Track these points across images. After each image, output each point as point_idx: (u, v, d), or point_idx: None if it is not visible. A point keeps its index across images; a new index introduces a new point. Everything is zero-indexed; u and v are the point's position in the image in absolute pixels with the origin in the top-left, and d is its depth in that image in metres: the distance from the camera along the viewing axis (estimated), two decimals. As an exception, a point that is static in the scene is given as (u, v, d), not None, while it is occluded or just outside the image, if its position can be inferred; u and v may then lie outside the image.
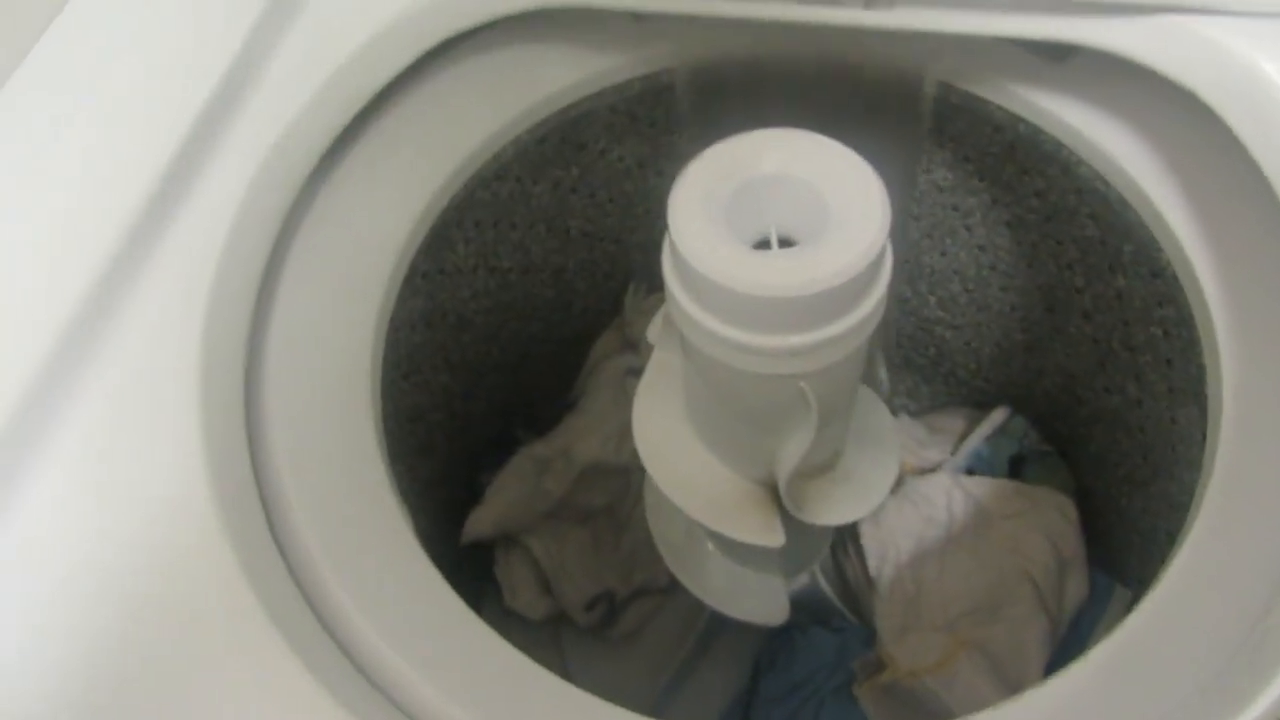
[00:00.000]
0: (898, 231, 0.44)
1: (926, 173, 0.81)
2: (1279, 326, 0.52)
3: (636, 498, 0.88)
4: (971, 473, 0.89)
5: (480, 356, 0.87)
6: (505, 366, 0.92)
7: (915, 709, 0.77)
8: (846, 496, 0.61)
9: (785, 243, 0.48)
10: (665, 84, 0.74)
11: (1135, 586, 0.80)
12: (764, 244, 0.48)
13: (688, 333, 0.49)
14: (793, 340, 0.46)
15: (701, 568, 0.75)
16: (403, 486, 0.60)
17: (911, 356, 1.05)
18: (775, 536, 0.59)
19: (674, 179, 0.46)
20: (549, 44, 0.69)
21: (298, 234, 0.59)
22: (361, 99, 0.59)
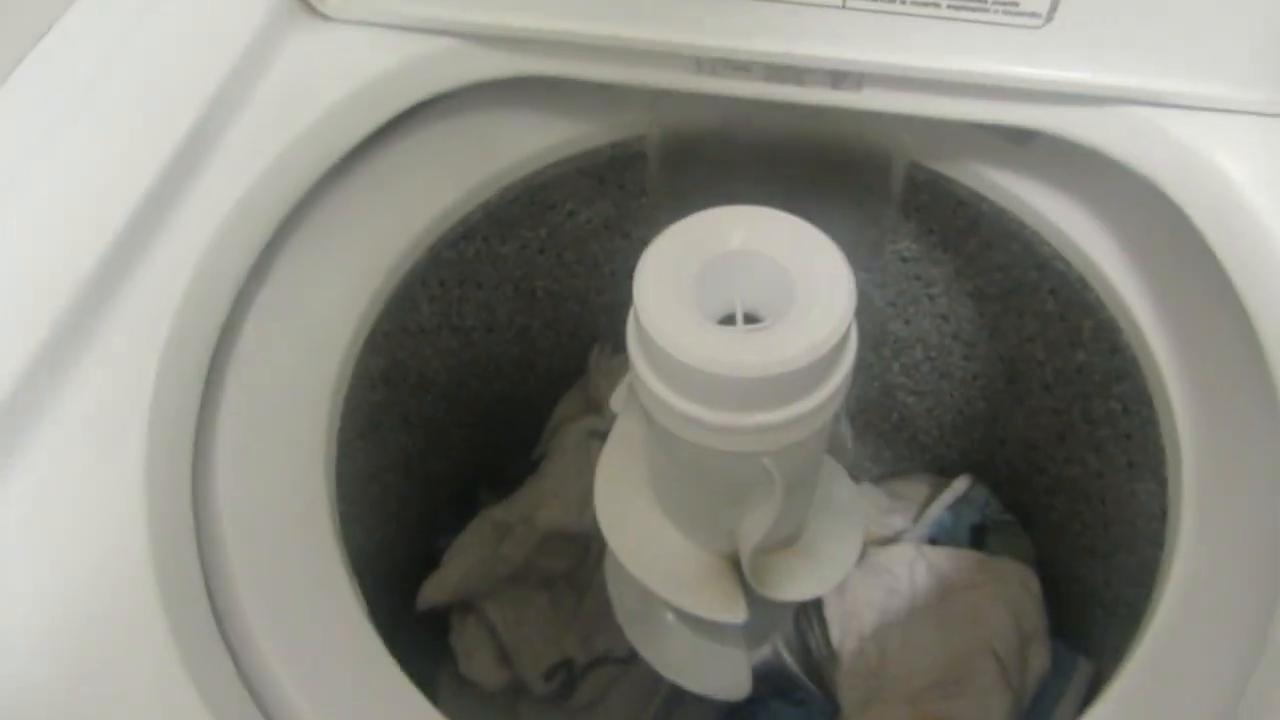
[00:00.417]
0: (862, 298, 0.44)
1: (892, 243, 0.81)
2: (1234, 405, 0.53)
3: (598, 563, 0.87)
4: (934, 541, 0.89)
5: (441, 416, 0.86)
6: (466, 426, 0.91)
7: (877, 784, 0.76)
8: (810, 571, 0.61)
9: (750, 318, 0.48)
10: (636, 150, 0.74)
11: (1098, 659, 0.80)
12: (729, 319, 0.48)
13: (651, 408, 0.49)
14: (758, 419, 0.45)
15: (661, 639, 0.73)
16: (356, 549, 0.59)
17: (874, 421, 1.05)
18: (737, 612, 0.58)
19: (641, 244, 0.46)
20: (520, 109, 0.69)
21: (259, 293, 0.58)
22: (328, 160, 0.59)
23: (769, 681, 0.84)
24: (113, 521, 0.43)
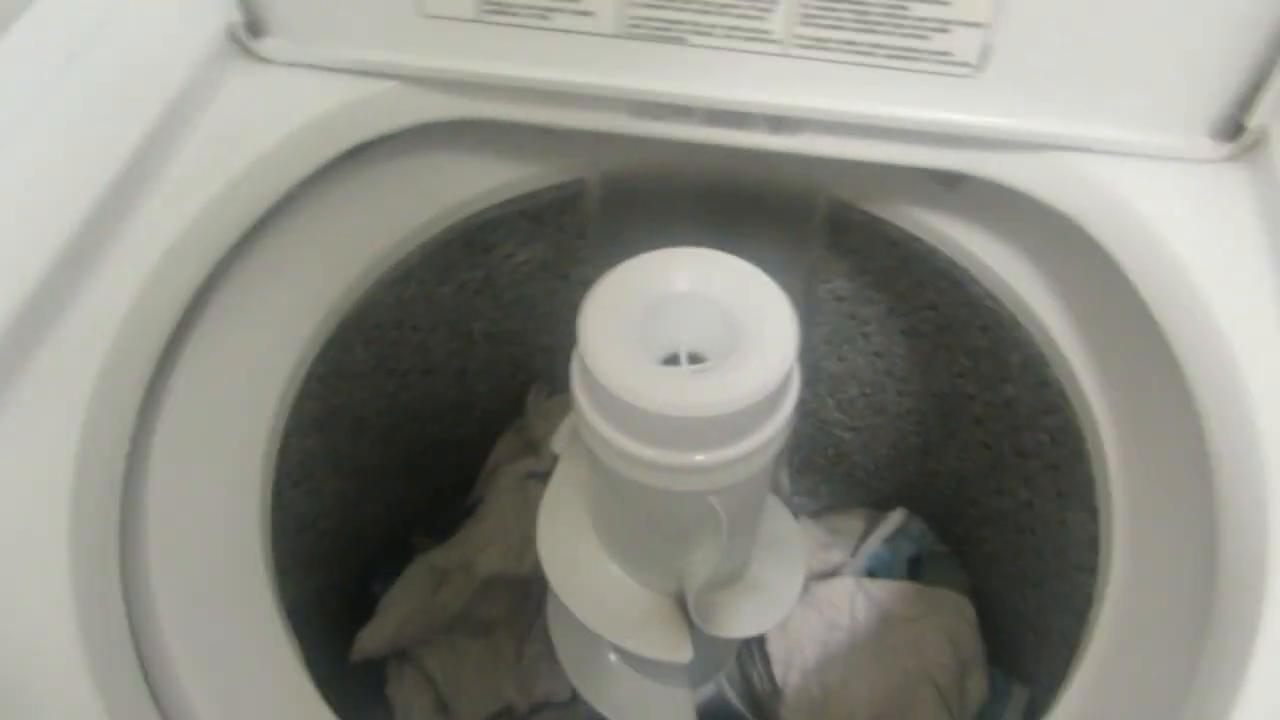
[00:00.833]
0: (799, 338, 0.45)
1: (825, 282, 0.83)
2: (1160, 434, 0.55)
3: (537, 608, 0.86)
4: (872, 574, 0.90)
5: (376, 460, 0.85)
6: (402, 470, 0.89)
7: (822, 821, 0.76)
8: (755, 608, 0.61)
9: (694, 359, 0.48)
10: (575, 192, 0.74)
11: (1033, 685, 0.81)
12: (672, 359, 0.48)
13: (596, 449, 0.49)
14: (704, 458, 0.46)
15: (605, 682, 0.72)
16: (289, 599, 0.57)
17: (811, 457, 1.06)
18: (684, 652, 0.58)
19: (579, 285, 0.46)
20: (460, 152, 0.69)
21: (191, 338, 0.57)
22: (263, 204, 0.57)
23: (713, 719, 0.84)
24: (36, 570, 0.41)
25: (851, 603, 0.83)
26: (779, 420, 0.47)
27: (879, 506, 1.02)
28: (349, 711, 0.51)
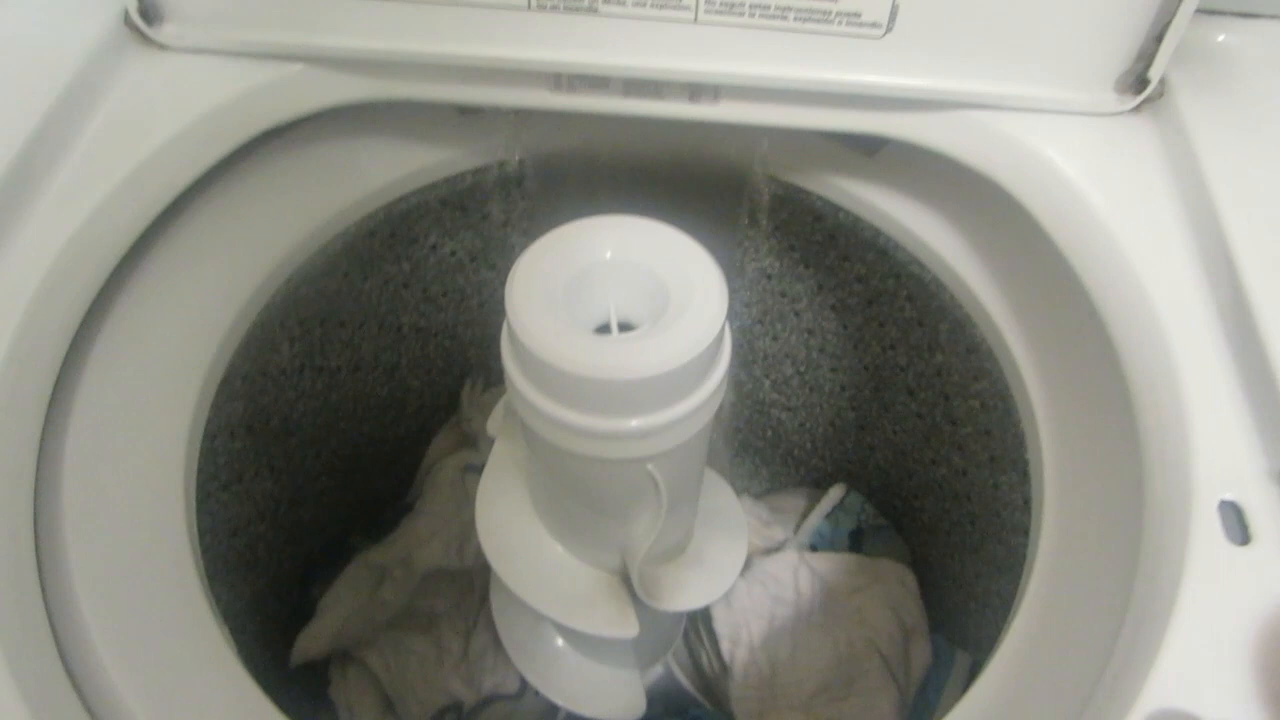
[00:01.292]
0: (730, 316, 0.45)
1: (755, 260, 0.84)
2: (1085, 389, 0.56)
3: (481, 600, 0.85)
4: (814, 549, 0.91)
5: (308, 461, 0.83)
6: (336, 470, 0.88)
7: (777, 795, 0.76)
8: (699, 581, 0.61)
9: (625, 327, 0.48)
10: (497, 177, 0.74)
11: (975, 650, 0.82)
12: (604, 329, 0.48)
13: (531, 422, 0.48)
14: (639, 423, 0.45)
15: (552, 667, 0.72)
16: (224, 606, 0.55)
17: (750, 439, 1.07)
18: (629, 627, 0.58)
19: (509, 269, 0.46)
20: (377, 137, 0.68)
21: (98, 339, 0.54)
22: (167, 196, 0.55)
23: (663, 701, 0.83)
24: None
25: (795, 576, 0.83)
26: (713, 381, 0.47)
27: (819, 485, 1.03)
28: (291, 716, 0.50)
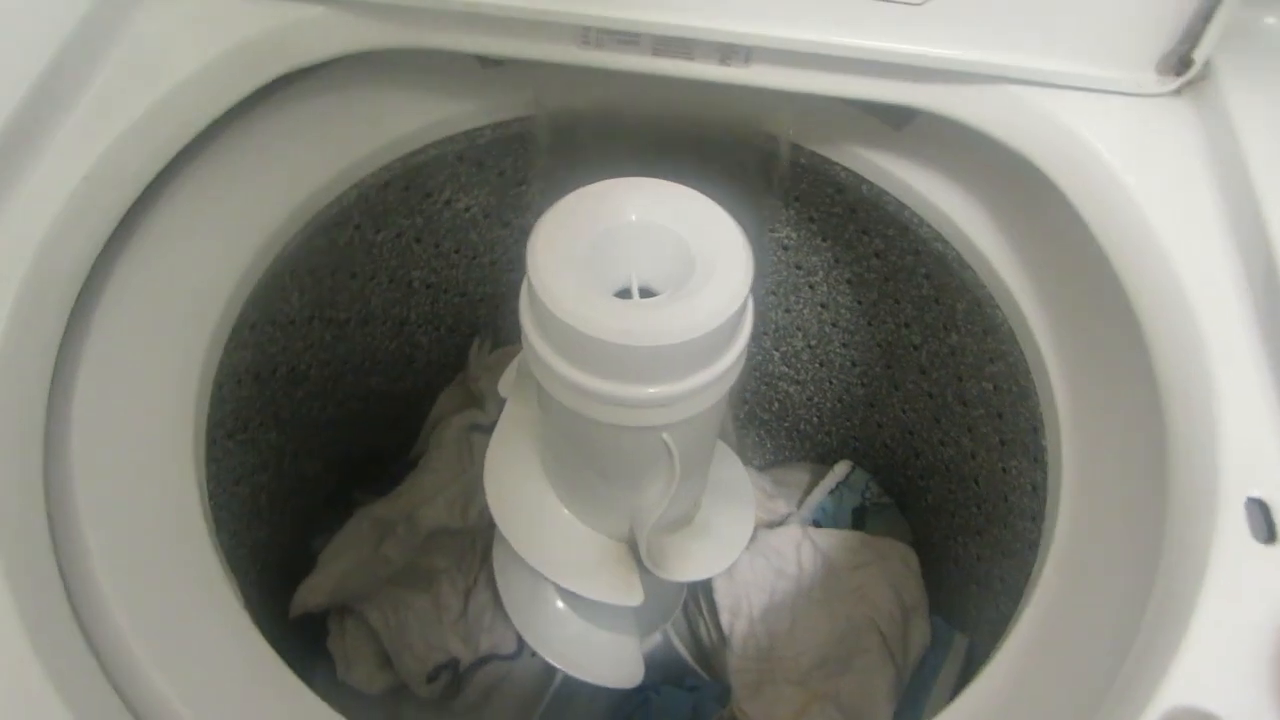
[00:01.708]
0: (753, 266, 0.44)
1: (772, 231, 0.82)
2: (1110, 376, 0.55)
3: (481, 559, 0.85)
4: (817, 525, 0.90)
5: (314, 412, 0.82)
6: (341, 423, 0.87)
7: (770, 766, 0.76)
8: (705, 551, 0.60)
9: (645, 291, 0.47)
10: (516, 133, 0.72)
11: (973, 634, 0.82)
12: (624, 293, 0.47)
13: (548, 385, 0.47)
14: (657, 390, 0.45)
15: (552, 630, 0.72)
16: (224, 554, 0.55)
17: (756, 411, 1.06)
18: (635, 595, 0.57)
19: (522, 233, 0.45)
20: (395, 87, 0.67)
21: (109, 281, 0.54)
22: (183, 138, 0.54)
23: (660, 669, 0.83)
24: None
25: (798, 551, 0.83)
26: (734, 352, 0.46)
27: (824, 460, 1.03)
28: (287, 664, 0.49)
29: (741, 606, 0.80)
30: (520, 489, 0.59)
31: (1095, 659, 0.44)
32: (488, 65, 0.65)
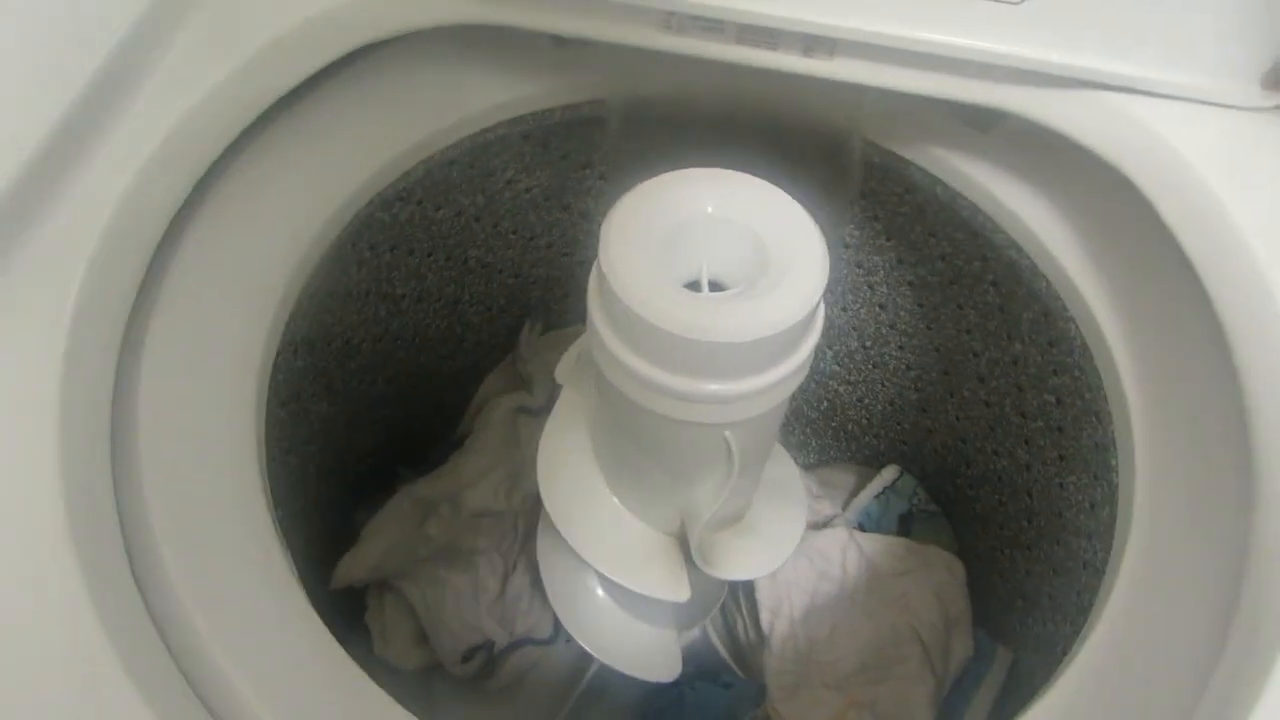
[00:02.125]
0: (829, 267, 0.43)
1: (834, 227, 0.81)
2: (1192, 400, 0.53)
3: (522, 543, 0.84)
4: (861, 529, 0.89)
5: (364, 386, 0.82)
6: (390, 398, 0.87)
7: (802, 770, 0.76)
8: (755, 550, 0.59)
9: (715, 285, 0.46)
10: (587, 116, 0.72)
11: (1017, 649, 0.81)
12: (693, 285, 0.46)
13: (611, 375, 0.46)
14: (725, 387, 0.44)
15: (592, 619, 0.71)
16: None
17: (803, 409, 1.05)
18: (682, 591, 0.57)
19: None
20: (469, 64, 0.66)
21: (181, 246, 0.54)
22: (261, 103, 0.54)
23: (696, 664, 0.83)
24: (24, 487, 0.39)
25: (844, 554, 0.82)
26: (803, 353, 0.45)
27: (870, 463, 1.01)
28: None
29: (783, 607, 0.79)
30: (572, 478, 0.59)
31: (1167, 691, 0.43)
32: (562, 45, 0.64)
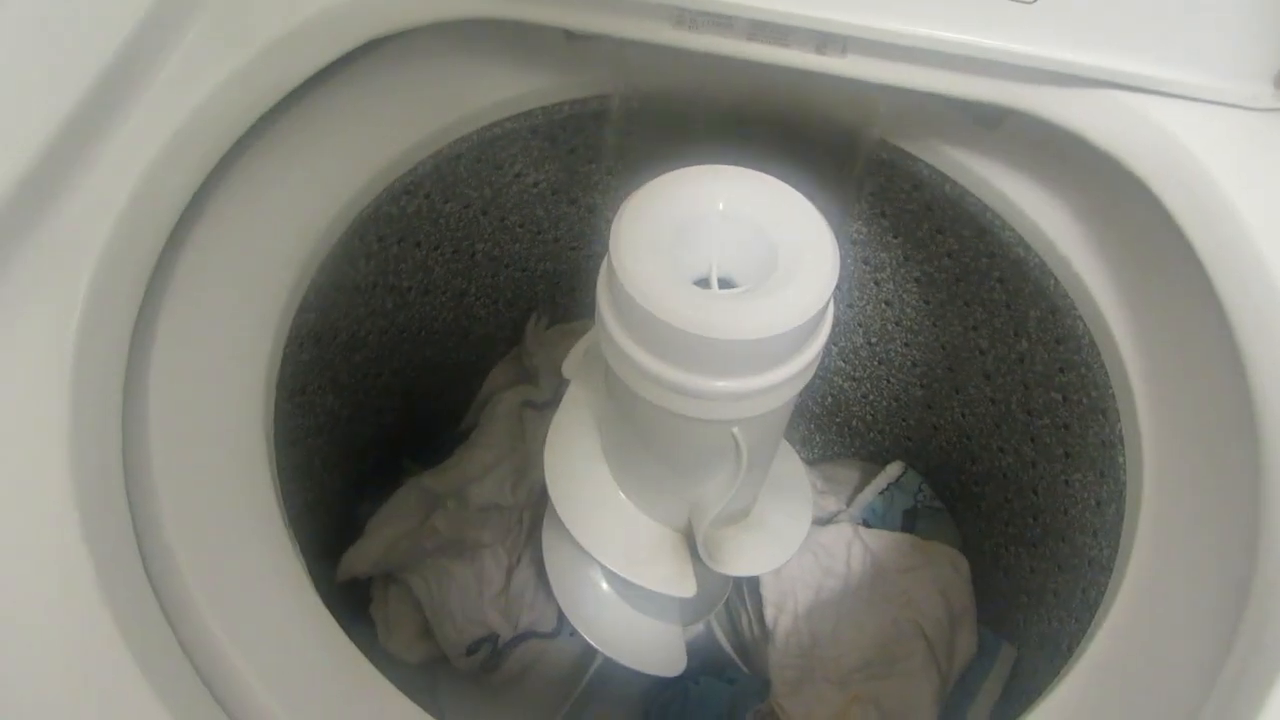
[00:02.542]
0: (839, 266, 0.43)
1: (842, 224, 0.81)
2: (1201, 399, 0.53)
3: (527, 536, 0.85)
4: (866, 525, 0.89)
5: (369, 379, 0.82)
6: (395, 391, 0.87)
7: (805, 764, 0.76)
8: (761, 546, 0.60)
9: (724, 283, 0.46)
10: (595, 110, 0.71)
11: (1021, 645, 0.81)
12: (702, 282, 0.46)
13: (620, 370, 0.47)
14: (734, 385, 0.44)
15: (597, 613, 0.71)
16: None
17: (807, 405, 1.05)
18: (688, 586, 0.57)
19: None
20: (478, 58, 0.66)
21: (191, 238, 0.54)
22: (272, 97, 0.54)
23: (700, 659, 0.83)
24: (38, 492, 0.39)
25: (848, 550, 0.82)
26: (813, 350, 0.45)
27: (874, 459, 1.01)
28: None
29: (787, 602, 0.79)
30: (579, 472, 0.59)
31: (1174, 690, 0.43)
32: (573, 39, 0.63)
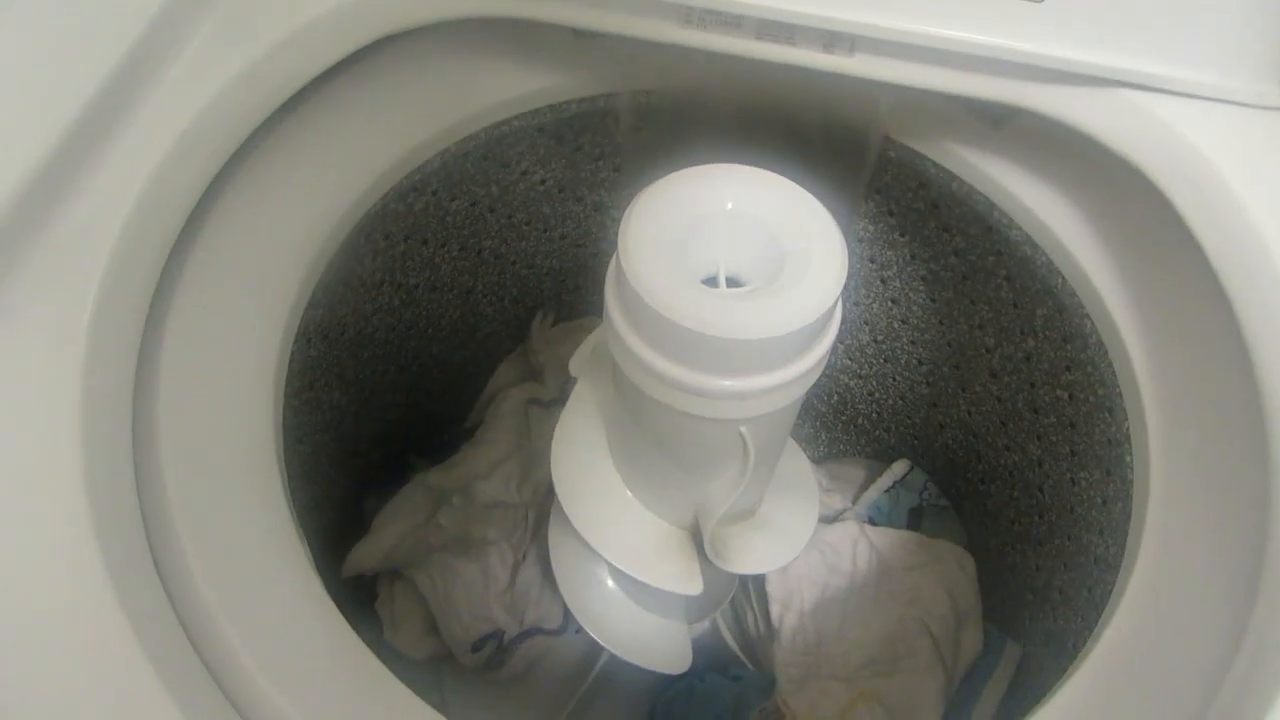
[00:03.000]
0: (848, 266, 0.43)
1: (848, 222, 0.81)
2: (1209, 397, 0.53)
3: (532, 533, 0.85)
4: (871, 523, 0.89)
5: (376, 376, 0.83)
6: (401, 388, 0.87)
7: (810, 762, 0.76)
8: (768, 544, 0.60)
9: (731, 282, 0.46)
10: (602, 109, 0.71)
11: (1026, 643, 0.81)
12: (709, 281, 0.46)
13: (627, 369, 0.47)
14: (741, 384, 0.44)
15: (603, 610, 0.72)
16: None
17: (813, 403, 1.05)
18: (695, 584, 0.57)
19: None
20: (486, 56, 0.66)
21: (202, 233, 0.54)
22: (280, 95, 0.54)
23: (705, 656, 0.83)
24: (51, 490, 0.39)
25: (854, 548, 0.82)
26: (821, 349, 0.45)
27: (879, 457, 1.01)
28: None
29: (793, 600, 0.79)
30: (586, 470, 0.59)
31: (1181, 689, 0.43)
32: (581, 37, 0.64)
